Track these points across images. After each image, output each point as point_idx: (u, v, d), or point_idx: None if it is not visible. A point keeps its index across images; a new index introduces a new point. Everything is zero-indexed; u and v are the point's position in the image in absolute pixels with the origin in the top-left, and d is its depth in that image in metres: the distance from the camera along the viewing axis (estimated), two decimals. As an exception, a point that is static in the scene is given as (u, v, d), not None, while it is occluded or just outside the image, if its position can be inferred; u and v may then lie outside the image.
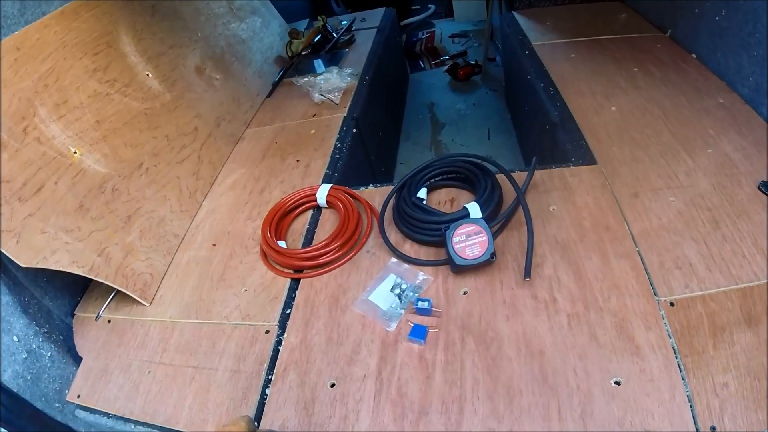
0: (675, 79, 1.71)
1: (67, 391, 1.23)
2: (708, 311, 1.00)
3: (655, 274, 1.08)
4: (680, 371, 0.91)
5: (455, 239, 1.13)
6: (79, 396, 1.21)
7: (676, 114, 1.53)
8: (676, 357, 0.93)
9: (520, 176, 1.32)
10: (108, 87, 1.47)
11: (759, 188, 1.23)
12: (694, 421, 0.85)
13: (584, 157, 1.44)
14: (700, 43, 1.79)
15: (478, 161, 1.39)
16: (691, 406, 0.87)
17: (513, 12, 2.59)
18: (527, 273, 1.10)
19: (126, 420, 1.14)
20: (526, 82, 2.08)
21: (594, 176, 1.36)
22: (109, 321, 1.33)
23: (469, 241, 1.12)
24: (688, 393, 0.88)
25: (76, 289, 1.43)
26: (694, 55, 1.82)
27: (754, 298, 1.01)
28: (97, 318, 1.34)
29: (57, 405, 1.21)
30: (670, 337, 0.96)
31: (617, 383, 0.91)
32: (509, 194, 1.34)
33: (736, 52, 1.57)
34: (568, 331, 1.01)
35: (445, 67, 3.67)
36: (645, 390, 0.90)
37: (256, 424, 0.80)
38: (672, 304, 1.02)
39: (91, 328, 1.34)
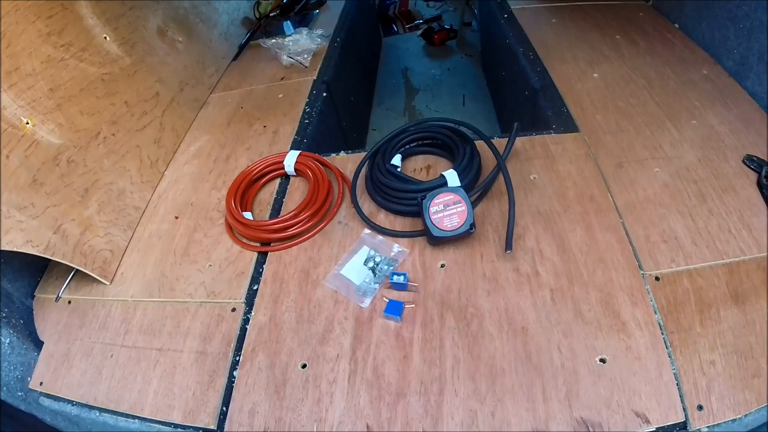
0: (659, 49, 1.68)
1: (29, 379, 1.16)
2: (695, 287, 0.98)
3: (641, 248, 1.05)
4: (667, 349, 0.89)
5: (432, 209, 1.07)
6: (41, 383, 1.14)
7: (660, 84, 1.51)
8: (663, 334, 0.91)
9: (499, 143, 1.27)
10: (63, 52, 1.37)
11: (744, 162, 1.21)
12: (681, 400, 0.84)
13: (566, 124, 1.40)
14: (684, 13, 1.76)
15: (457, 127, 1.33)
16: (678, 385, 0.85)
17: (492, -25, 2.52)
18: (508, 245, 1.05)
19: (90, 407, 1.07)
20: (505, 47, 2.03)
21: (577, 145, 1.32)
22: (69, 302, 1.26)
23: (447, 211, 1.06)
24: (675, 371, 0.87)
25: (36, 268, 1.35)
26: (677, 26, 1.79)
27: (741, 274, 1.00)
28: (57, 299, 1.27)
29: (20, 394, 1.15)
30: (656, 313, 0.94)
31: (603, 361, 0.89)
32: (488, 162, 1.29)
33: (722, 24, 1.54)
34: (552, 307, 0.98)
35: (420, 32, 3.63)
36: (632, 368, 0.88)
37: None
38: (658, 279, 1.00)
39: (52, 310, 1.26)
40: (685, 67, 1.57)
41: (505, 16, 2.10)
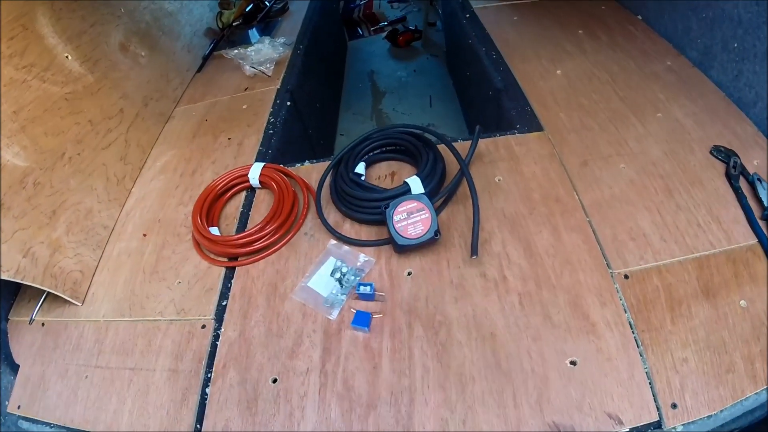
0: (622, 43, 1.68)
1: (7, 403, 1.14)
2: (664, 283, 0.98)
3: (608, 247, 1.05)
4: (638, 348, 0.89)
5: (396, 218, 1.06)
6: (19, 407, 1.11)
7: (624, 78, 1.51)
8: (633, 333, 0.91)
9: (463, 146, 1.26)
10: (25, 73, 1.34)
11: (711, 153, 1.21)
12: (655, 400, 0.84)
13: (530, 123, 1.39)
14: (646, 5, 1.77)
15: (419, 132, 1.32)
16: (650, 384, 0.85)
17: (454, -25, 2.52)
18: (474, 251, 1.04)
19: (69, 429, 1.05)
20: (468, 48, 2.02)
21: (541, 144, 1.31)
22: (43, 324, 1.24)
23: (411, 219, 1.05)
24: (647, 370, 0.87)
25: (9, 290, 1.32)
26: (640, 17, 1.79)
27: (711, 268, 1.00)
28: (30, 322, 1.25)
29: None
30: (626, 312, 0.94)
31: (573, 363, 0.88)
32: (453, 166, 1.27)
33: (683, 14, 1.55)
34: (520, 312, 0.97)
35: (385, 34, 3.61)
36: (603, 369, 0.87)
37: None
38: (627, 277, 0.99)
39: (26, 333, 1.24)
40: (649, 60, 1.57)
41: (467, 15, 2.09)
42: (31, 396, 1.12)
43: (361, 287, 1.03)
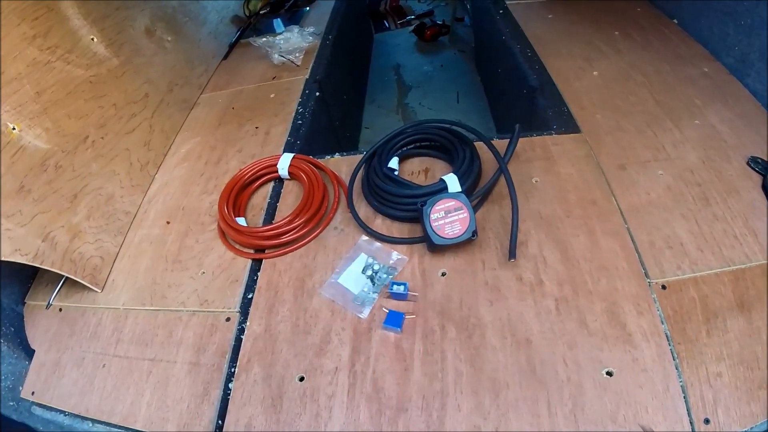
0: (657, 45, 1.65)
1: (21, 388, 1.14)
2: (701, 295, 0.96)
3: (646, 254, 1.03)
4: (674, 360, 0.87)
5: (433, 216, 1.04)
6: (33, 393, 1.11)
7: (660, 81, 1.48)
8: (670, 345, 0.89)
9: (498, 144, 1.24)
10: (49, 54, 1.33)
11: (748, 164, 1.19)
12: (688, 414, 0.82)
13: (567, 124, 1.37)
14: (682, 8, 1.74)
15: (456, 128, 1.29)
16: (684, 398, 0.83)
17: (485, -30, 2.49)
18: (512, 254, 1.03)
19: (83, 418, 1.05)
20: (501, 44, 1.99)
21: (578, 146, 1.29)
22: (60, 309, 1.23)
23: (449, 217, 1.03)
24: (681, 384, 0.85)
25: (26, 274, 1.32)
26: (675, 21, 1.76)
27: (747, 281, 0.98)
28: (47, 306, 1.24)
29: (11, 403, 1.13)
30: (662, 323, 0.92)
31: (609, 374, 0.87)
32: (487, 164, 1.26)
33: (721, 20, 1.51)
34: (556, 318, 0.95)
35: (411, 28, 3.59)
36: (638, 381, 0.85)
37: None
38: (664, 287, 0.97)
39: (42, 318, 1.24)
40: (684, 64, 1.54)
41: (500, 11, 2.07)
42: (45, 382, 1.12)
43: (395, 286, 1.01)
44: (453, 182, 1.13)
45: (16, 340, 1.19)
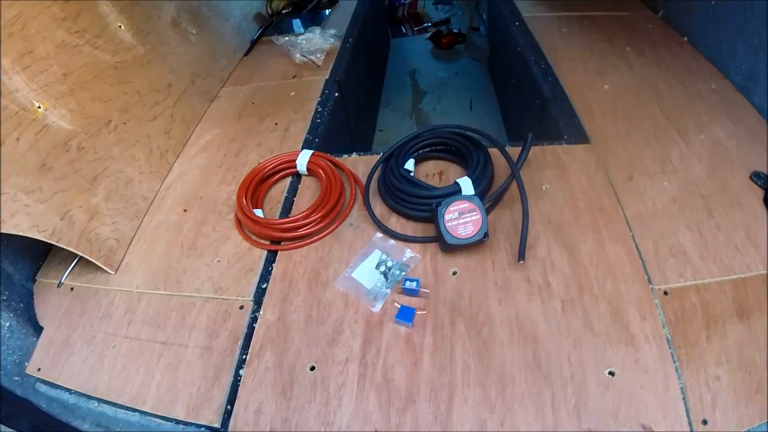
0: (668, 61, 1.69)
1: (27, 364, 1.15)
2: (702, 302, 0.99)
3: (650, 261, 1.06)
4: (674, 363, 0.90)
5: (447, 216, 1.07)
6: (39, 369, 1.13)
7: (669, 96, 1.51)
8: (670, 348, 0.92)
9: (509, 151, 1.26)
10: (77, 38, 1.36)
11: (751, 178, 1.22)
12: (687, 415, 0.84)
13: (577, 134, 1.40)
14: (693, 26, 1.77)
15: (471, 134, 1.33)
16: (684, 399, 0.86)
17: (503, -18, 2.52)
18: (521, 255, 1.06)
19: (89, 397, 1.06)
20: (516, 54, 2.03)
21: (588, 155, 1.33)
22: (72, 289, 1.25)
23: (462, 219, 1.07)
24: (681, 385, 0.87)
25: (38, 252, 1.34)
26: (686, 38, 1.80)
27: (747, 290, 1.00)
28: (59, 285, 1.26)
29: (16, 378, 1.14)
30: (664, 327, 0.95)
31: (611, 374, 0.89)
32: (499, 169, 1.29)
33: (730, 38, 1.55)
34: (562, 317, 0.98)
35: (428, 34, 3.63)
36: (639, 381, 0.88)
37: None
38: (666, 293, 1.00)
39: (53, 295, 1.25)
40: (693, 80, 1.57)
41: (517, 23, 2.10)
42: (53, 360, 1.13)
43: (407, 282, 1.04)
44: (467, 185, 1.16)
45: (25, 316, 1.21)
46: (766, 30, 1.38)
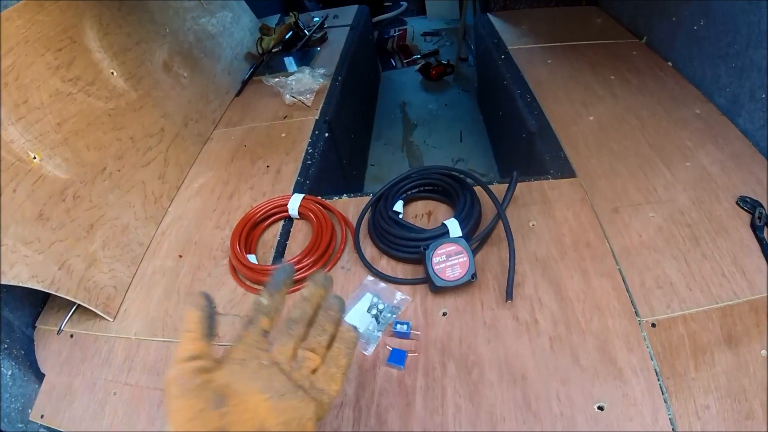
0: (652, 88, 1.71)
1: (29, 411, 1.16)
2: (689, 332, 0.99)
3: (637, 294, 1.07)
4: (663, 394, 0.90)
5: (435, 259, 1.09)
6: (42, 416, 1.13)
7: (653, 124, 1.53)
8: (659, 380, 0.92)
9: (497, 188, 1.30)
10: (71, 86, 1.38)
11: (737, 203, 1.23)
12: None
13: (563, 169, 1.42)
14: (676, 51, 1.80)
15: (457, 174, 1.35)
16: (673, 430, 0.86)
17: (488, 14, 2.58)
18: (509, 295, 1.07)
19: None
20: (502, 87, 2.06)
21: (574, 190, 1.34)
22: (71, 336, 1.26)
23: (450, 261, 1.09)
24: (670, 416, 0.88)
25: (37, 298, 1.34)
26: (670, 63, 1.82)
27: (734, 317, 1.01)
28: (59, 332, 1.27)
29: (20, 425, 1.14)
30: (652, 359, 0.95)
31: (600, 408, 0.90)
32: (487, 207, 1.31)
33: (713, 62, 1.58)
34: (550, 355, 0.99)
35: (417, 66, 3.68)
36: (628, 414, 0.89)
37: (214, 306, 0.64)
38: (654, 325, 1.01)
39: (53, 342, 1.26)
40: (678, 106, 1.60)
41: (503, 56, 2.13)
42: (55, 406, 1.13)
43: (398, 325, 1.06)
44: (454, 227, 1.18)
45: (26, 362, 1.21)
46: (748, 52, 1.41)
